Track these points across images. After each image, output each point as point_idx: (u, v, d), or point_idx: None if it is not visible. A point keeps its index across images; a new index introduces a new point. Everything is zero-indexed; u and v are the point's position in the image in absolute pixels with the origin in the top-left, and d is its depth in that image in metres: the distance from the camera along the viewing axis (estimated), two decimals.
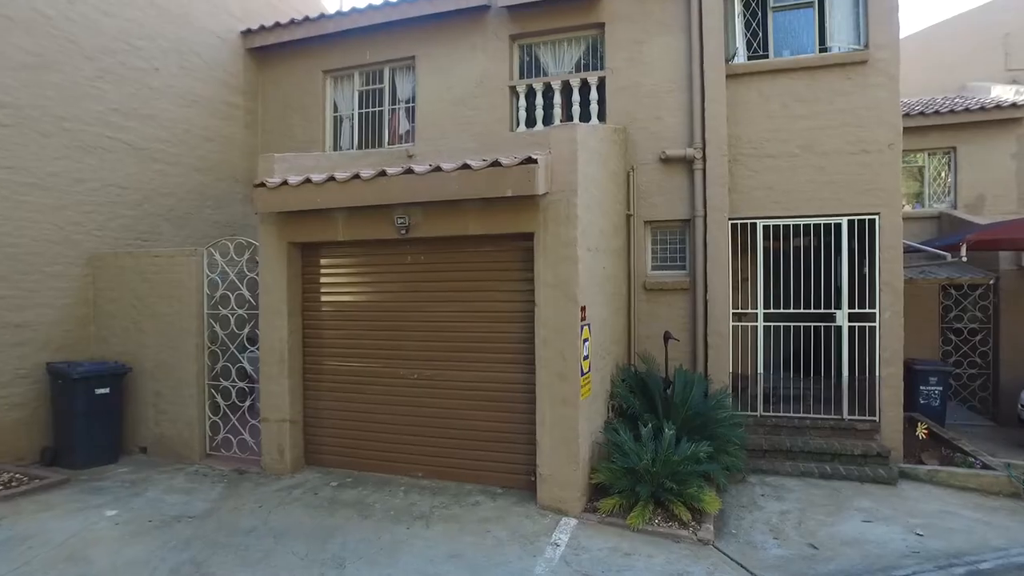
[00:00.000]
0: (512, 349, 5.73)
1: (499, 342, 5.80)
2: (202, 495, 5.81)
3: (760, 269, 7.29)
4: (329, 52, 9.22)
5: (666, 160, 7.42)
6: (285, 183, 5.93)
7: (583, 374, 5.34)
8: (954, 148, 10.93)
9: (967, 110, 10.78)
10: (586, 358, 5.44)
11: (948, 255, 7.67)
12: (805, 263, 7.47)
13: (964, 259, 7.33)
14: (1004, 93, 12.00)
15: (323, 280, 6.57)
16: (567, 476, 5.31)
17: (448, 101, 8.55)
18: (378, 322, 6.33)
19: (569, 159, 5.27)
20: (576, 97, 7.96)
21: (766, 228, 7.28)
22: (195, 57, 8.77)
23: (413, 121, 8.88)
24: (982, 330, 9.82)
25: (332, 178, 5.74)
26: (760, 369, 7.33)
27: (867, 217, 6.97)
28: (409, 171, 5.47)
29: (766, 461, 6.81)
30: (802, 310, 7.36)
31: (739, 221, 7.30)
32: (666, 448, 5.48)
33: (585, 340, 5.40)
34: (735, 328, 7.32)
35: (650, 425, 5.77)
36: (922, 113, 10.85)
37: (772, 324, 7.43)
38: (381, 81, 9.17)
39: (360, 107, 9.34)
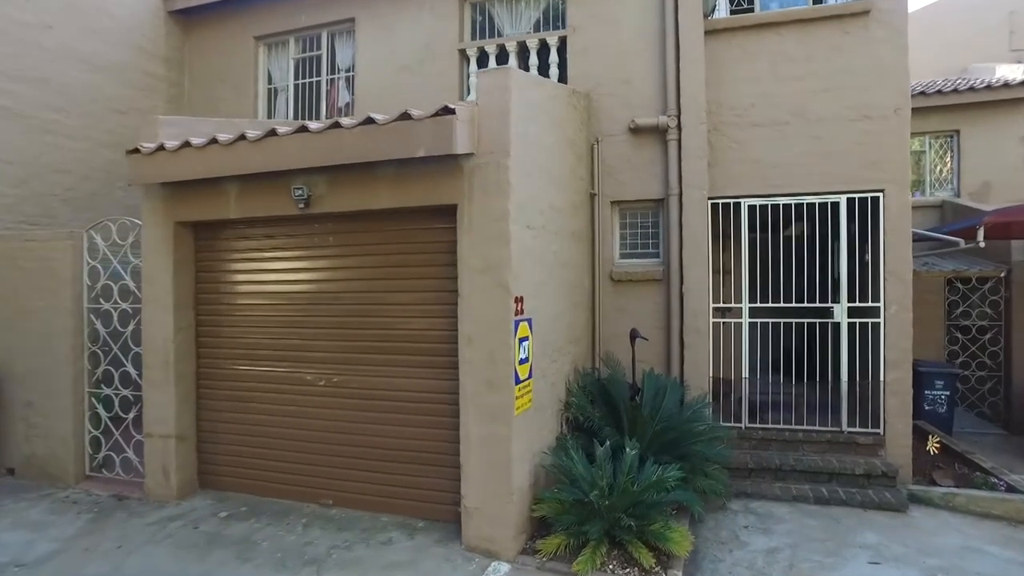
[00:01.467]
0: (435, 350, 4.65)
1: (420, 341, 4.73)
2: (56, 531, 4.70)
3: (745, 256, 6.24)
4: (261, 15, 8.13)
5: (636, 130, 6.37)
6: (162, 148, 4.84)
7: (519, 381, 4.27)
8: (957, 131, 10.08)
9: (972, 89, 9.93)
10: (524, 361, 4.37)
11: (962, 241, 6.64)
12: (797, 250, 6.43)
13: (982, 244, 6.29)
14: (1011, 73, 11.11)
15: (220, 267, 5.48)
16: (498, 510, 4.23)
17: (391, 68, 7.47)
18: (281, 317, 5.25)
19: (500, 112, 4.20)
20: (534, 60, 6.90)
21: (752, 208, 6.22)
22: (104, 17, 7.66)
23: (353, 92, 7.80)
24: (992, 328, 8.81)
25: (215, 140, 4.66)
26: (745, 373, 6.28)
27: (870, 194, 5.93)
28: (303, 129, 4.39)
29: (751, 482, 5.76)
30: (794, 304, 6.32)
31: (720, 200, 6.25)
32: (626, 472, 4.42)
33: (523, 339, 4.33)
34: (716, 325, 6.27)
35: (608, 443, 4.70)
36: (923, 93, 9.91)
37: (759, 320, 6.37)
38: (319, 48, 8.10)
39: (296, 78, 8.25)
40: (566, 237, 5.53)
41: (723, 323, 6.34)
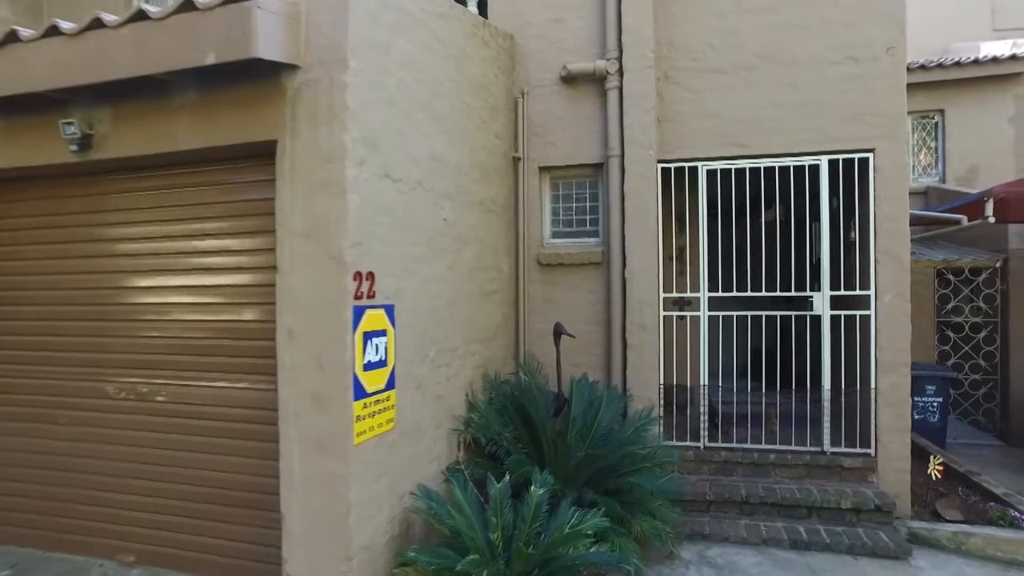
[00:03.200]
0: (258, 349, 3.31)
1: (240, 337, 3.38)
2: None
3: (703, 234, 5.01)
4: None
5: (569, 79, 5.14)
6: None
7: (364, 395, 2.95)
8: (942, 111, 9.16)
9: (958, 64, 9.08)
10: (378, 366, 3.04)
11: (965, 219, 5.53)
12: (768, 227, 5.23)
13: (992, 220, 5.15)
14: (997, 48, 10.28)
15: None
16: None
17: None
18: (75, 308, 3.87)
19: (335, 5, 2.90)
20: None
21: (711, 175, 5.00)
22: None
23: None
24: (987, 325, 7.76)
25: None
26: (704, 379, 5.03)
27: (857, 155, 4.74)
28: (54, 31, 3.04)
29: (711, 519, 4.51)
30: (764, 293, 5.10)
31: (673, 164, 5.01)
32: (529, 522, 3.13)
33: (372, 334, 3.01)
34: (668, 319, 5.03)
35: (508, 478, 3.41)
36: (905, 69, 8.91)
37: (721, 313, 5.10)
38: None
39: None
40: (470, 206, 4.24)
41: (677, 317, 5.09)
